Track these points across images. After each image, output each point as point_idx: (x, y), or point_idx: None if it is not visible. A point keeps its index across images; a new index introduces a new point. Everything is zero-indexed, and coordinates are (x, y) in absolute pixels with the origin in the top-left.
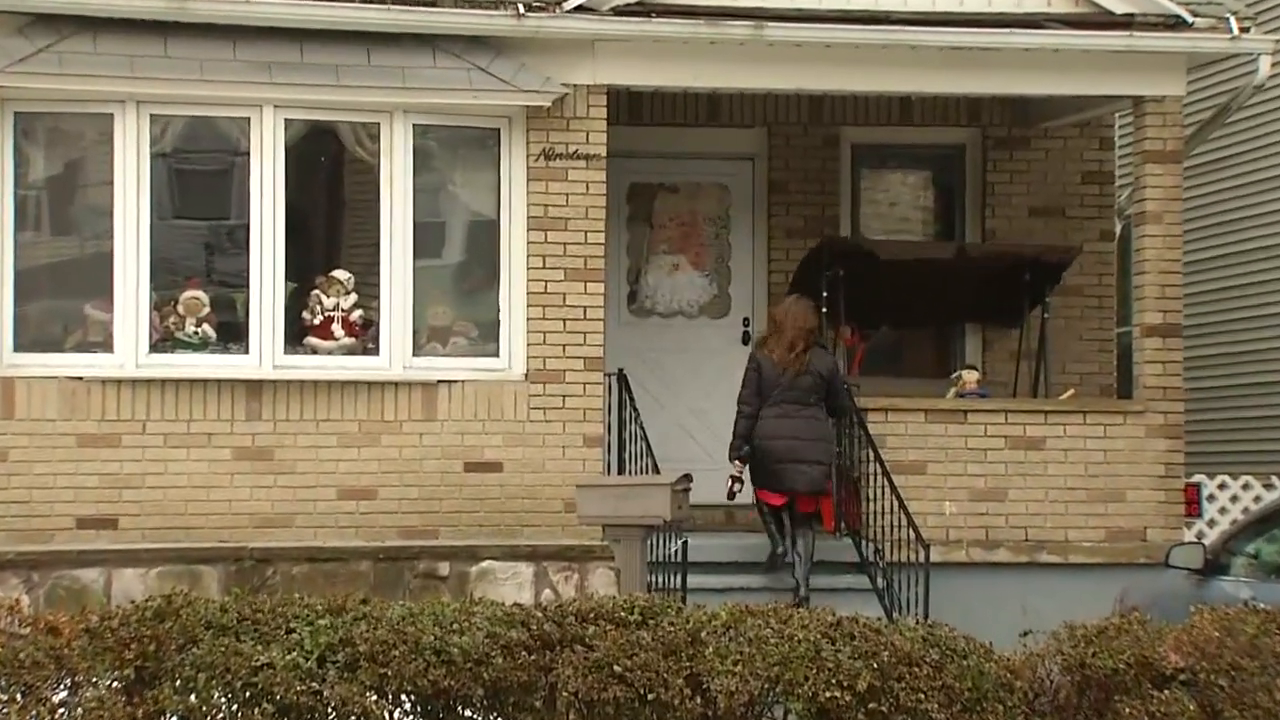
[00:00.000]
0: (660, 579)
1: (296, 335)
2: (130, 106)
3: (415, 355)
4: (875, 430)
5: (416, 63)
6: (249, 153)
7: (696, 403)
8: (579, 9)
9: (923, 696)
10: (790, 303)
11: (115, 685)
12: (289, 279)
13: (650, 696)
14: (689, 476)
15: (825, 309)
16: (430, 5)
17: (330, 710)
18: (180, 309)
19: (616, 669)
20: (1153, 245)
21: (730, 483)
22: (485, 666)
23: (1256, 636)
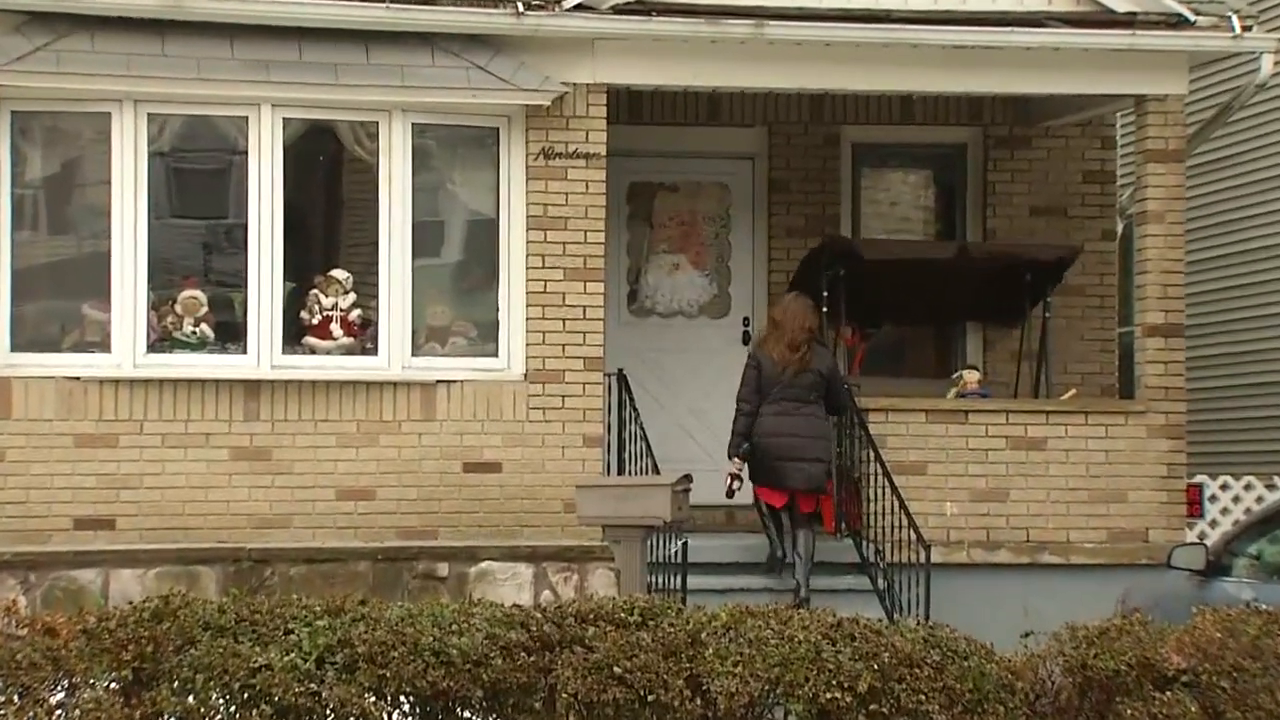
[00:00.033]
0: (660, 580)
1: (295, 335)
2: (128, 105)
3: (414, 355)
4: (876, 430)
5: (415, 61)
6: (247, 152)
7: (696, 403)
8: (578, 7)
9: (924, 698)
10: (789, 301)
11: (113, 686)
12: (287, 278)
13: (650, 698)
14: (689, 477)
15: (826, 309)
16: (429, 4)
17: (329, 712)
18: (178, 309)
19: (616, 670)
20: (1155, 245)
21: (729, 480)
22: (484, 668)
23: (1259, 638)
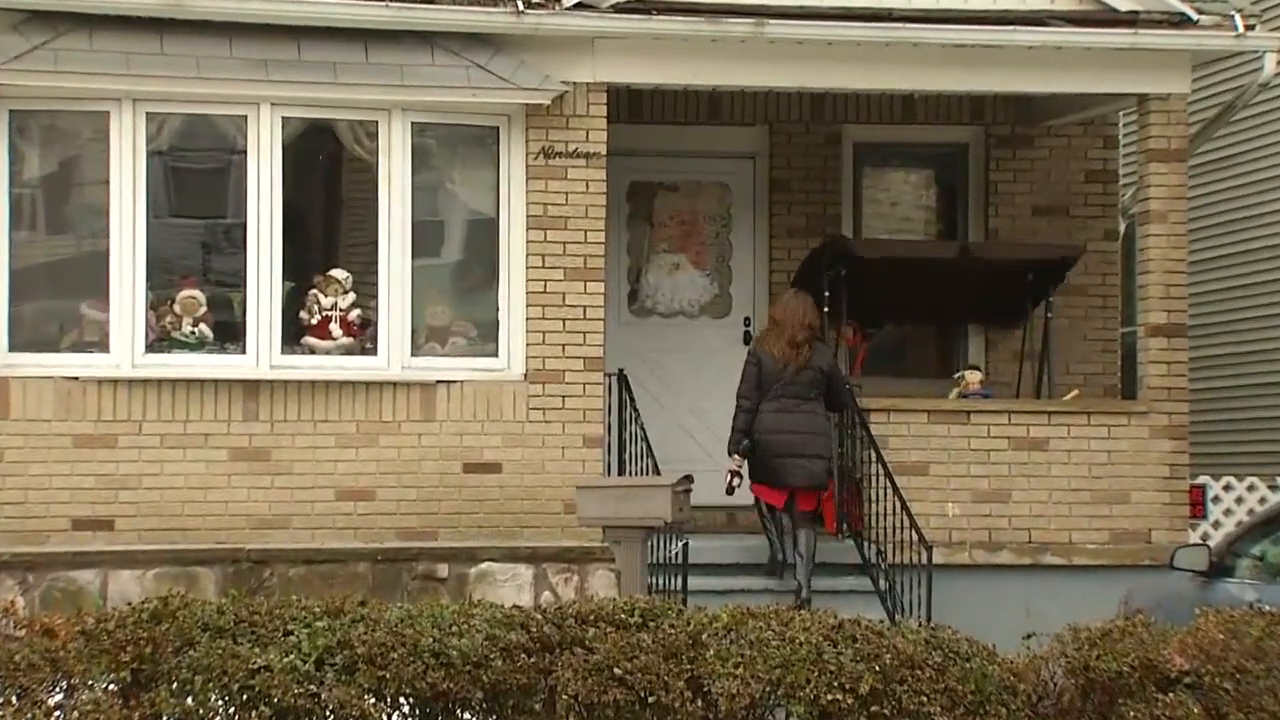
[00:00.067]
0: (661, 581)
1: (294, 335)
2: (126, 104)
3: (414, 355)
4: (877, 431)
5: (415, 60)
6: (246, 151)
7: (697, 403)
8: (578, 6)
9: (925, 699)
10: (789, 297)
11: (111, 688)
12: (286, 278)
13: (651, 699)
14: (690, 478)
15: (827, 308)
16: (429, 2)
17: (328, 713)
18: (177, 308)
19: (617, 671)
20: (1157, 244)
21: (729, 477)
22: (484, 669)
23: (1262, 639)
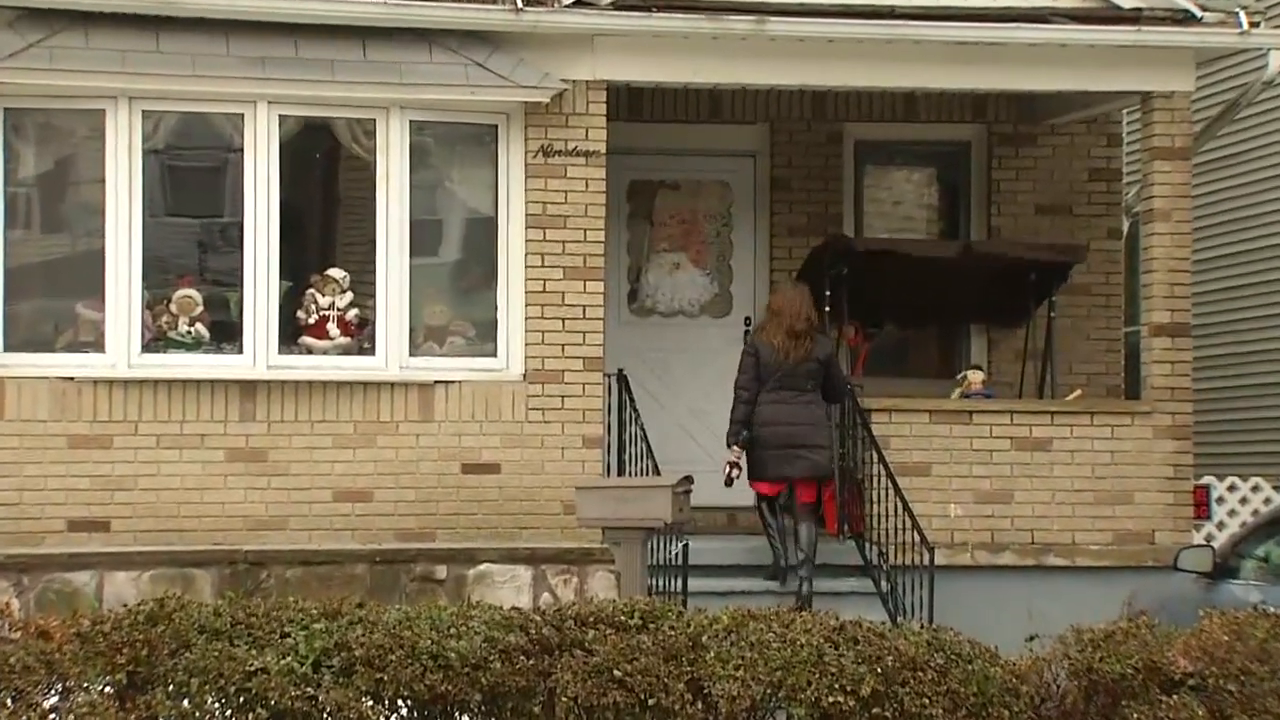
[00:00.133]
0: (661, 582)
1: (291, 335)
2: (122, 102)
3: (412, 355)
4: (879, 431)
5: (413, 58)
6: (243, 149)
7: (698, 403)
8: (578, 3)
9: (927, 702)
10: (787, 288)
11: (107, 690)
12: (283, 277)
13: (651, 702)
14: (690, 478)
15: (829, 308)
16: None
17: (325, 716)
18: (173, 308)
19: (616, 674)
20: (1161, 243)
21: (728, 469)
22: (483, 671)
23: (1266, 641)
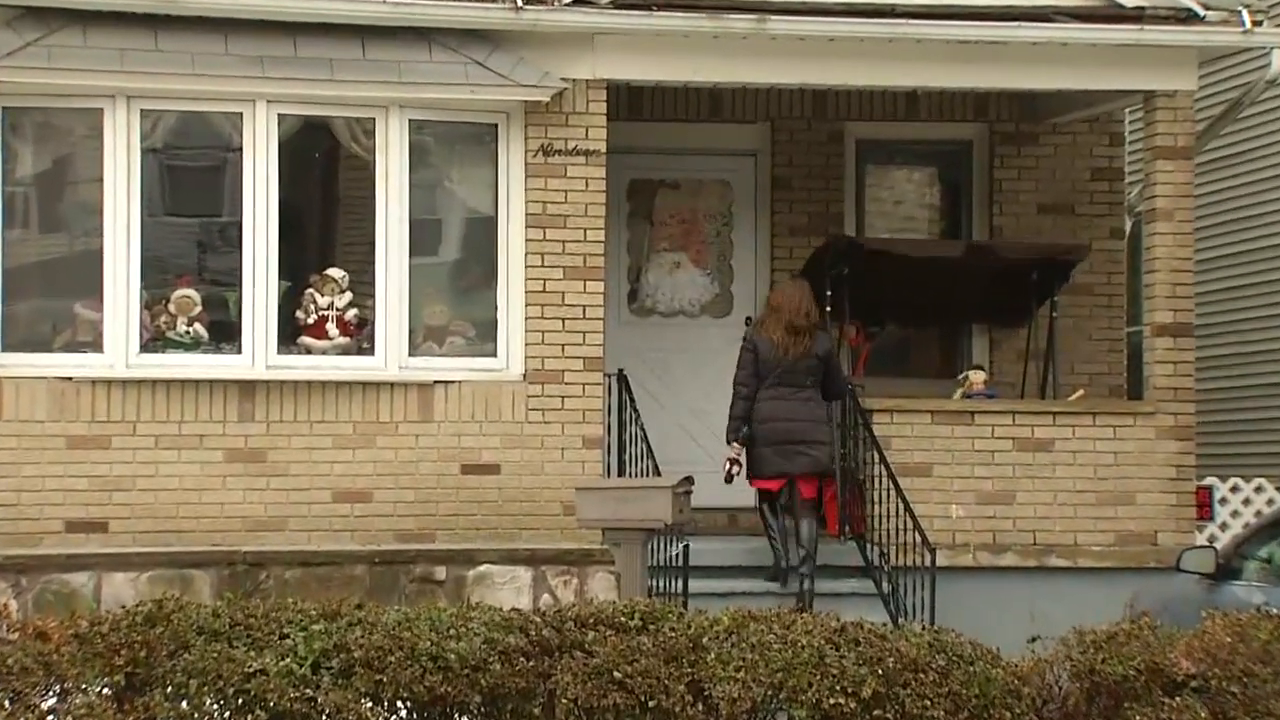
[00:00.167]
0: (661, 583)
1: (290, 335)
2: (120, 101)
3: (411, 355)
4: (880, 432)
5: (412, 57)
6: (241, 148)
7: (698, 404)
8: (578, 2)
9: (928, 703)
10: (786, 284)
11: (105, 692)
12: (282, 277)
13: (651, 703)
14: (690, 479)
15: (830, 308)
16: None
17: (324, 717)
18: (171, 308)
19: (616, 675)
20: (1163, 243)
21: (728, 465)
22: (482, 673)
23: (1270, 642)
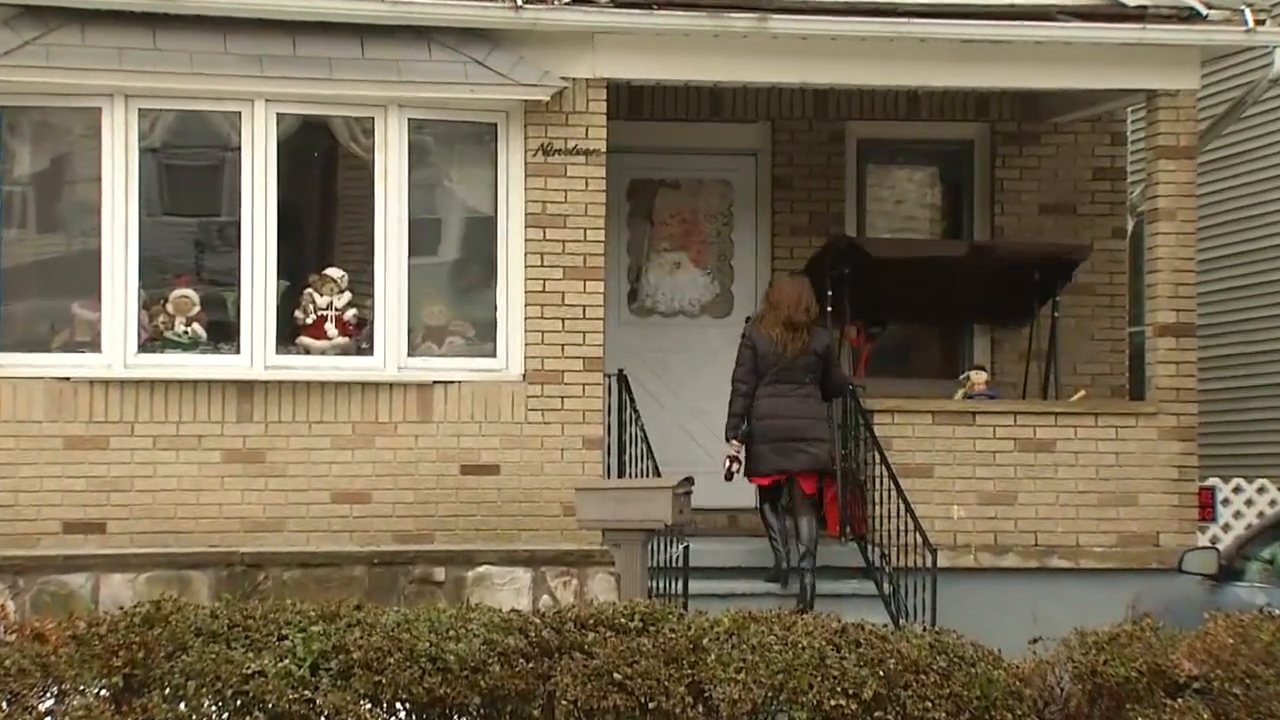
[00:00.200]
0: (661, 584)
1: (289, 335)
2: (118, 100)
3: (410, 355)
4: (881, 432)
5: (412, 56)
6: (240, 148)
7: (698, 404)
8: (578, 0)
9: (930, 705)
10: (785, 280)
11: (103, 693)
12: (281, 277)
13: (651, 705)
14: (691, 479)
15: (831, 308)
16: None
17: (323, 719)
18: (170, 308)
19: (616, 677)
20: (1166, 243)
21: (727, 463)
22: (482, 674)
23: (1272, 644)
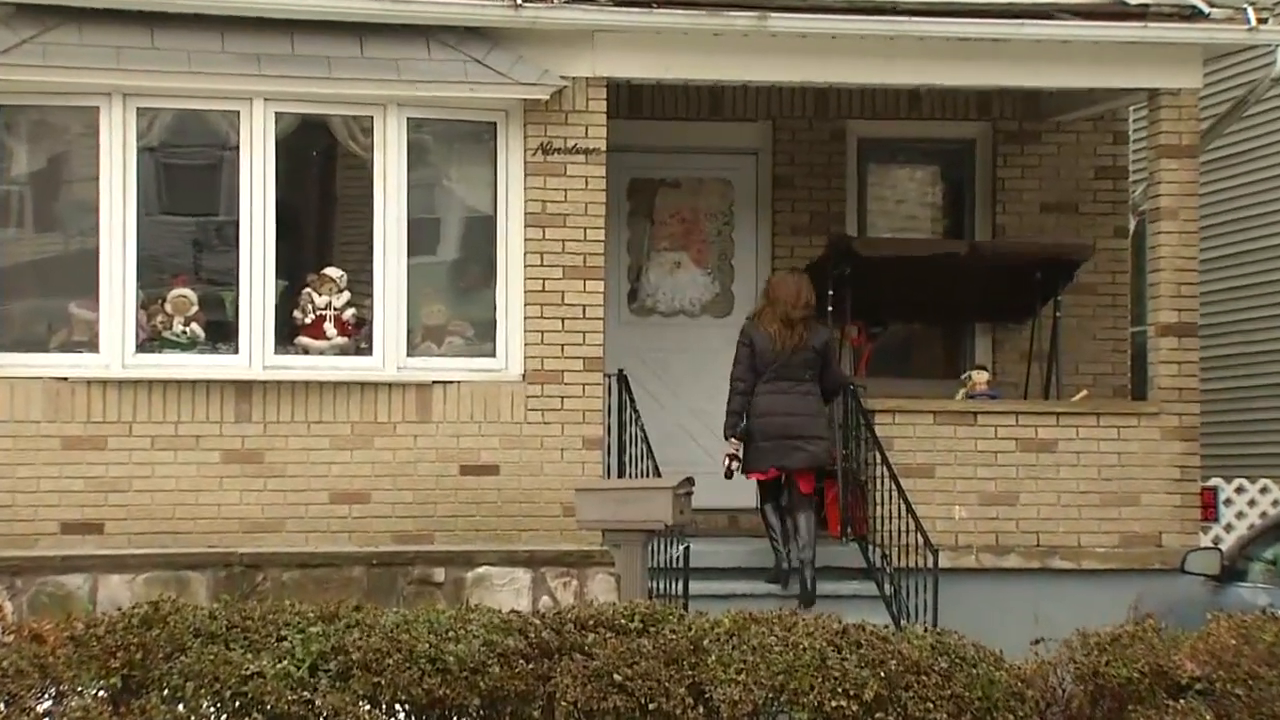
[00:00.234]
0: (661, 585)
1: (287, 335)
2: (116, 99)
3: (410, 355)
4: (882, 432)
5: (411, 54)
6: (238, 147)
7: (699, 404)
8: None
9: (931, 706)
10: (783, 276)
11: (101, 695)
12: (280, 277)
13: (651, 706)
14: (691, 480)
15: (831, 308)
16: None
17: None
18: (168, 308)
19: (616, 678)
20: (1168, 242)
21: (727, 461)
22: (481, 675)
23: (1274, 644)
